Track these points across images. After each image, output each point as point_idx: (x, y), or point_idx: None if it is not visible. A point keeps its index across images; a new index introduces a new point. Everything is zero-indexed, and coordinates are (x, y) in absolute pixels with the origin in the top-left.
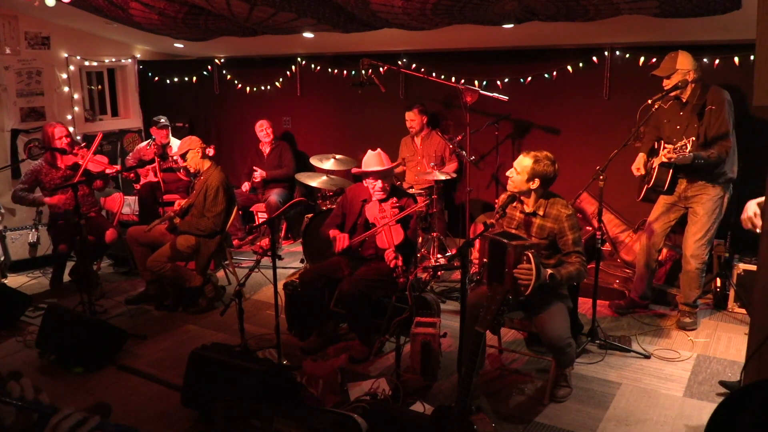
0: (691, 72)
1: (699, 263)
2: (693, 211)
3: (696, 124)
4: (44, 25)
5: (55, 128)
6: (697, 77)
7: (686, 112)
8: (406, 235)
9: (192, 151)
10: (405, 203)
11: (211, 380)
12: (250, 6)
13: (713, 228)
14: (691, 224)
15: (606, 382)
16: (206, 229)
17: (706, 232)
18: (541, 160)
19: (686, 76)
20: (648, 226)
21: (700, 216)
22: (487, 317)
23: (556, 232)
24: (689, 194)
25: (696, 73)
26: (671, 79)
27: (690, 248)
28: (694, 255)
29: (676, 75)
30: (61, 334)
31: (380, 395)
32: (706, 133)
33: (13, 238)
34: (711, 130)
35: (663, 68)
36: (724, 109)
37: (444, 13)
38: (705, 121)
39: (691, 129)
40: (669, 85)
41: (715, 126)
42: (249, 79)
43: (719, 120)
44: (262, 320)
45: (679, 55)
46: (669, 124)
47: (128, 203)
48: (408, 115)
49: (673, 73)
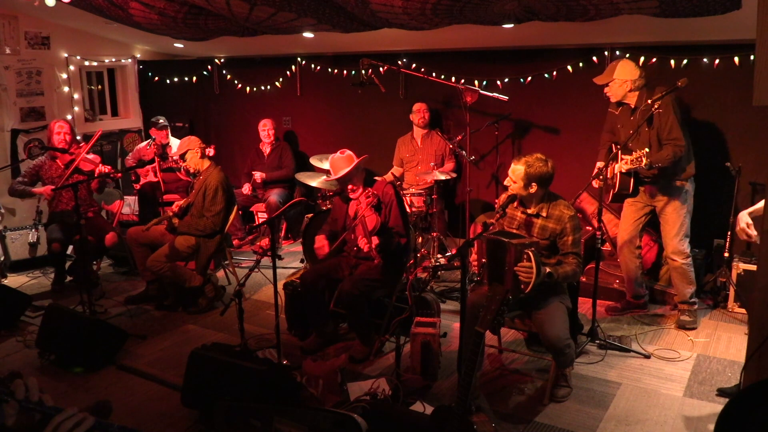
0: (630, 81)
1: (683, 258)
2: (662, 210)
3: (647, 128)
4: (44, 25)
5: (56, 123)
6: (640, 84)
7: (636, 117)
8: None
9: (191, 152)
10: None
11: (211, 380)
12: (250, 6)
13: (686, 221)
14: (664, 224)
15: (606, 382)
16: (205, 229)
17: (680, 228)
18: (533, 163)
19: (624, 86)
20: (621, 231)
21: (669, 214)
22: (487, 317)
23: (557, 233)
24: (654, 193)
25: (639, 80)
26: (609, 87)
27: (670, 246)
28: (676, 251)
29: (613, 83)
30: (61, 334)
31: (380, 395)
32: (658, 136)
33: (13, 238)
34: (662, 132)
35: (601, 77)
36: (671, 111)
37: (444, 13)
38: (655, 125)
39: (644, 134)
40: (608, 92)
41: (666, 129)
42: (249, 79)
43: (669, 121)
44: (262, 320)
45: (619, 64)
46: (622, 129)
47: (128, 203)
48: (420, 106)
49: (611, 81)
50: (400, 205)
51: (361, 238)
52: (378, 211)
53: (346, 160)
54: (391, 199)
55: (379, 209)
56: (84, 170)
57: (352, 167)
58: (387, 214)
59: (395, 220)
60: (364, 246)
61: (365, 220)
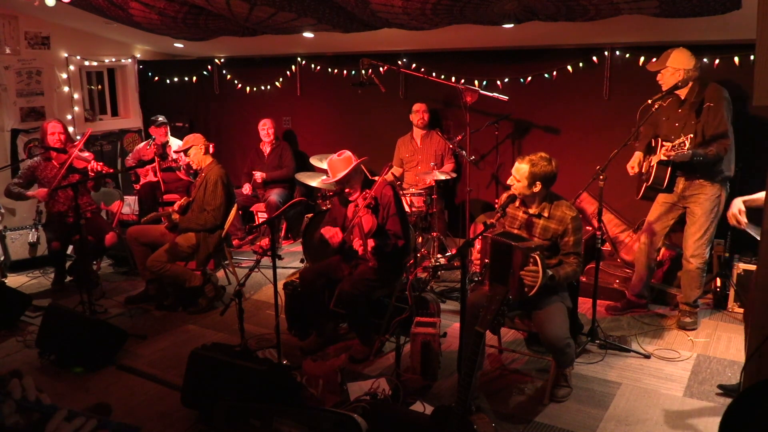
0: (683, 71)
1: (700, 263)
2: (691, 212)
3: (693, 121)
4: (44, 25)
5: (49, 124)
6: (694, 75)
7: (684, 109)
8: (379, 224)
9: (195, 147)
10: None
11: (211, 380)
12: (250, 6)
13: (712, 227)
14: (690, 224)
15: (606, 382)
16: (206, 224)
17: (705, 232)
18: (537, 162)
19: (676, 74)
20: (647, 226)
21: (698, 216)
22: (487, 317)
23: (559, 234)
24: (687, 193)
25: (693, 72)
26: (662, 74)
27: (690, 248)
28: (695, 255)
29: (665, 71)
30: (61, 334)
31: (380, 395)
32: (704, 130)
33: (13, 238)
34: (709, 128)
35: (654, 63)
36: (722, 107)
37: (444, 13)
38: (703, 119)
39: (689, 126)
40: (660, 80)
41: (713, 124)
42: (249, 79)
43: (717, 118)
44: (262, 320)
45: (674, 52)
46: (667, 122)
47: (128, 203)
48: (419, 106)
49: (663, 68)
50: (398, 207)
51: (356, 240)
52: (375, 213)
53: (344, 162)
54: (389, 200)
55: (376, 211)
56: (78, 168)
57: (349, 170)
58: (385, 216)
59: (392, 222)
60: (359, 248)
61: (361, 222)
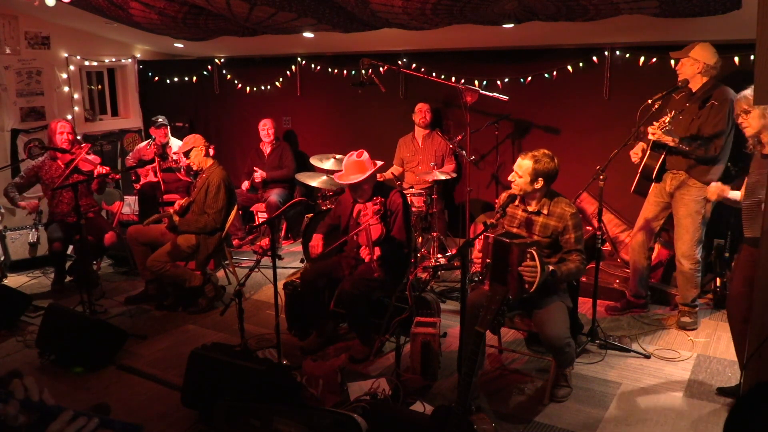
0: (703, 64)
1: (692, 263)
2: (676, 212)
3: (694, 116)
4: (44, 25)
5: (58, 123)
6: (712, 72)
7: (691, 104)
8: (387, 231)
9: (196, 149)
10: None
11: (211, 380)
12: (250, 6)
13: (699, 228)
14: (678, 227)
15: (606, 382)
16: (206, 226)
17: (693, 233)
18: (541, 158)
19: (695, 66)
20: (638, 224)
21: (682, 217)
22: (487, 317)
23: (559, 231)
24: (675, 191)
25: (713, 69)
26: (682, 63)
27: (680, 249)
28: (685, 256)
29: (686, 61)
30: (61, 334)
31: (380, 395)
32: (701, 126)
33: (13, 238)
34: (707, 126)
35: (677, 52)
36: (725, 109)
37: (444, 13)
38: (703, 114)
39: (684, 120)
40: (679, 69)
41: (712, 122)
42: (249, 79)
43: (717, 117)
44: (262, 320)
45: (698, 45)
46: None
47: (128, 203)
48: (422, 106)
49: (685, 58)
50: (405, 215)
51: (363, 247)
52: (384, 220)
53: (361, 166)
54: (398, 207)
55: (384, 217)
56: (83, 170)
57: (366, 176)
58: (392, 223)
59: (399, 230)
60: (366, 257)
61: (370, 229)
